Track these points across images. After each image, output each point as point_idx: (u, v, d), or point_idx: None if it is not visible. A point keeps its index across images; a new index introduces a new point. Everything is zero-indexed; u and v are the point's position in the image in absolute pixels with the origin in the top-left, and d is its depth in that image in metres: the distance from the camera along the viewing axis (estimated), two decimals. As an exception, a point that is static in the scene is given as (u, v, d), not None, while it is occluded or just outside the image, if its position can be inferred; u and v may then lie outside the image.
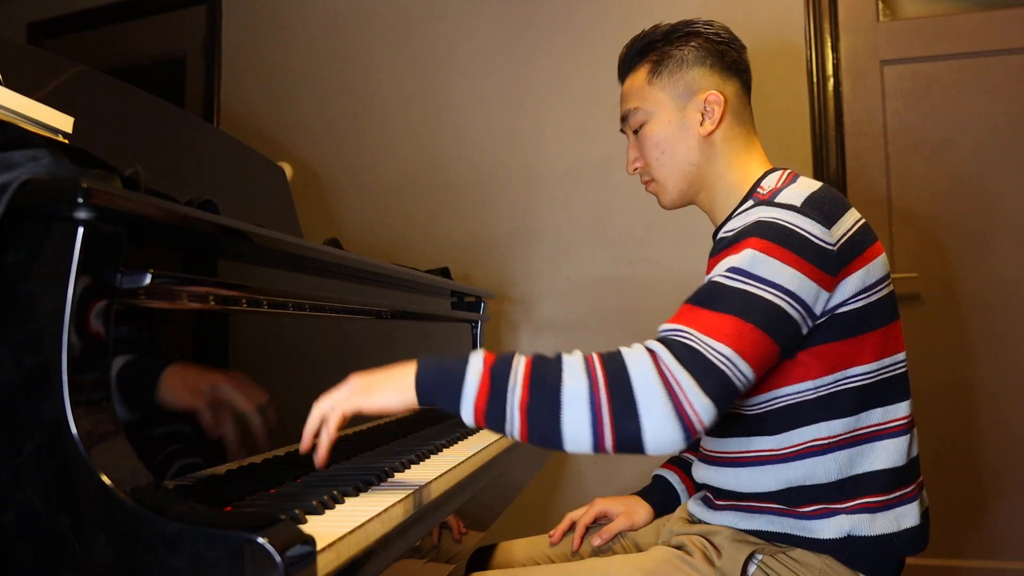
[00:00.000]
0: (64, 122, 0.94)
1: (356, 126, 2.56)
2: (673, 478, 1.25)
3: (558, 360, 0.83)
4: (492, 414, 0.81)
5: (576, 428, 0.78)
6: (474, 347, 1.84)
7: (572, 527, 1.23)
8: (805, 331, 0.91)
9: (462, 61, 2.46)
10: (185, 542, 0.56)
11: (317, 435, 0.86)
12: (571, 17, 2.34)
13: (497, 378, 0.82)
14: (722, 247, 0.96)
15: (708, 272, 0.99)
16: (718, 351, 0.80)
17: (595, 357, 0.82)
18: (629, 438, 0.78)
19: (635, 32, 1.16)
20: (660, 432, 0.77)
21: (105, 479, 0.58)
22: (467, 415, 0.82)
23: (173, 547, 0.57)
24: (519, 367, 0.82)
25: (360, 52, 2.56)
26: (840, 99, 2.16)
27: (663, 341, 0.83)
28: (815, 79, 2.14)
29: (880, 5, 2.16)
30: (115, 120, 1.30)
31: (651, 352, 0.81)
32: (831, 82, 2.15)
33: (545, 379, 0.80)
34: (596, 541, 1.19)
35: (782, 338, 0.88)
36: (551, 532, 1.22)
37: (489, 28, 2.43)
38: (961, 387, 2.07)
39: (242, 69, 2.70)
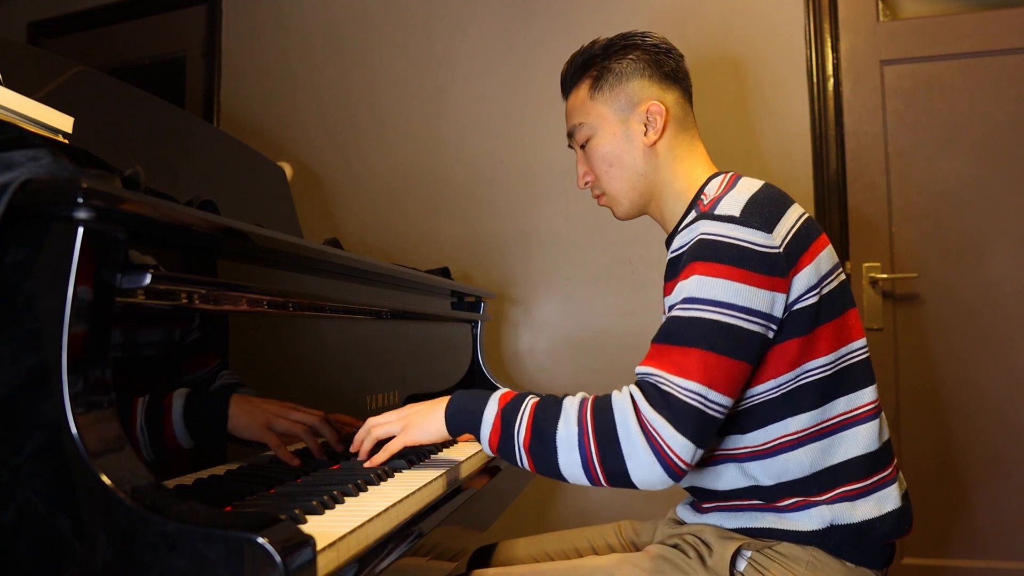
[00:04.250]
0: (64, 122, 0.93)
1: (356, 126, 2.56)
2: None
3: (558, 405, 0.92)
4: (504, 450, 0.94)
5: (571, 468, 0.89)
6: (474, 347, 1.84)
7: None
8: (772, 335, 0.93)
9: (462, 61, 2.45)
10: (185, 542, 0.56)
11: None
12: (571, 18, 2.34)
13: (507, 419, 0.93)
14: (673, 272, 0.99)
15: (666, 294, 1.04)
16: (689, 389, 0.86)
17: (588, 404, 0.90)
18: (619, 478, 0.87)
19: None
20: (645, 474, 0.86)
21: (105, 479, 0.58)
22: (486, 449, 0.96)
23: (173, 547, 0.57)
24: (526, 411, 0.93)
25: (360, 52, 2.56)
26: (840, 99, 2.16)
27: (639, 385, 0.89)
28: (815, 79, 2.14)
29: (880, 5, 2.16)
30: (115, 120, 1.30)
31: (632, 399, 0.87)
32: (831, 82, 2.15)
33: (543, 425, 0.90)
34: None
35: (748, 354, 0.90)
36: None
37: (489, 28, 2.43)
38: (960, 386, 2.07)
39: (242, 69, 2.70)
